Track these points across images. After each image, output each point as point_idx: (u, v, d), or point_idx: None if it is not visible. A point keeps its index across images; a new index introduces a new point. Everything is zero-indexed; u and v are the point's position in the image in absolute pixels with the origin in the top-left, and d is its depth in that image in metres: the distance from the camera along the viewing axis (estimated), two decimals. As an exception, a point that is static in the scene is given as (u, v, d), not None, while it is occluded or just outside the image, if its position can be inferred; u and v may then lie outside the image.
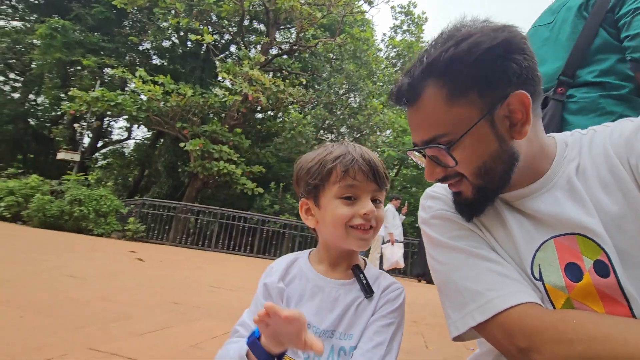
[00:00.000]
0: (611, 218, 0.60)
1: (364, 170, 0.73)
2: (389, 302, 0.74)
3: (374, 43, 15.46)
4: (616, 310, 0.57)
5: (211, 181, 11.86)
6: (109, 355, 1.32)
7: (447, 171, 0.68)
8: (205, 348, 1.57)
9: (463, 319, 0.65)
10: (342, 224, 0.72)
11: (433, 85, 0.62)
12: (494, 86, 0.60)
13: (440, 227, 0.74)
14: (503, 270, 0.65)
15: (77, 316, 1.77)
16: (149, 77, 10.78)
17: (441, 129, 0.63)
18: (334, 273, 0.78)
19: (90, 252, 5.04)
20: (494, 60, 0.59)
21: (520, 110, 0.61)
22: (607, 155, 0.64)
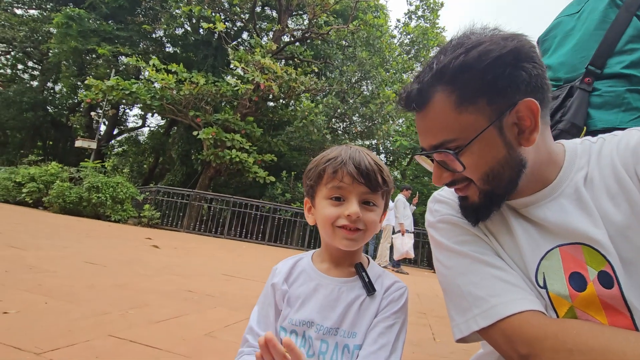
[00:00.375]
0: (617, 228, 0.60)
1: (351, 173, 0.74)
2: (392, 303, 0.76)
3: (388, 30, 15.13)
4: (618, 320, 0.58)
5: (224, 169, 12.00)
6: (128, 342, 1.39)
7: (455, 176, 0.69)
8: (218, 337, 1.64)
9: (466, 323, 0.67)
10: (328, 224, 0.75)
11: (442, 92, 0.63)
12: (503, 94, 0.61)
13: (447, 231, 0.75)
14: (507, 277, 0.66)
15: (98, 303, 1.86)
16: (162, 65, 10.87)
17: (450, 135, 0.64)
18: (336, 271, 0.80)
19: (108, 239, 5.21)
20: (504, 68, 0.59)
21: (529, 117, 0.62)
22: (614, 166, 0.64)
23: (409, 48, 16.89)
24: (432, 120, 0.66)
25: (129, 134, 22.28)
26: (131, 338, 1.43)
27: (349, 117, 13.85)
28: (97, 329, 1.47)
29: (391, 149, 15.05)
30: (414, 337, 2.17)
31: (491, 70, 0.59)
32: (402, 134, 14.76)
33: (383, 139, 13.65)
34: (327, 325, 0.74)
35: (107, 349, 1.30)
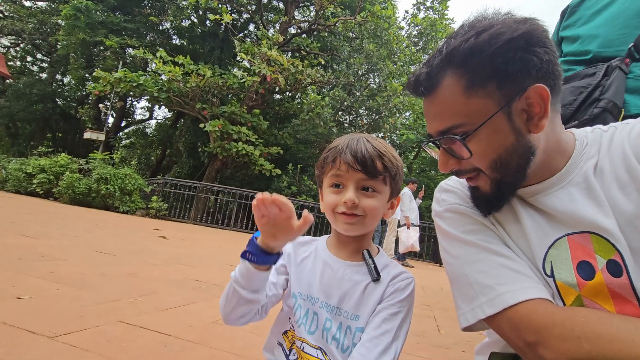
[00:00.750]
0: (627, 218, 0.60)
1: (347, 161, 0.76)
2: (398, 291, 0.77)
3: (396, 21, 14.92)
4: (626, 309, 0.58)
5: (230, 162, 12.05)
6: (137, 328, 1.42)
7: (462, 164, 0.68)
8: (225, 325, 1.67)
9: (473, 311, 0.67)
10: (330, 210, 0.79)
11: (451, 75, 0.62)
12: (513, 79, 0.60)
13: (454, 220, 0.75)
14: (514, 265, 0.66)
15: (108, 290, 1.90)
16: (169, 57, 10.88)
17: (457, 120, 0.63)
18: (344, 254, 0.83)
19: (117, 229, 5.29)
20: (515, 52, 0.58)
21: (539, 103, 0.61)
22: (625, 155, 0.63)
23: (417, 40, 16.67)
24: (440, 104, 0.65)
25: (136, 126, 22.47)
26: (141, 324, 1.47)
27: (355, 109, 13.78)
28: (108, 315, 1.51)
29: (398, 142, 14.95)
30: (419, 328, 2.18)
31: (501, 54, 0.58)
32: (408, 127, 14.64)
33: (390, 132, 13.55)
34: (331, 304, 0.77)
35: (117, 334, 1.33)
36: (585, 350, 0.52)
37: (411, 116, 15.50)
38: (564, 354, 0.54)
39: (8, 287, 1.66)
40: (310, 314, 0.79)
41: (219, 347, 1.36)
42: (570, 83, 1.17)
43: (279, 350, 0.82)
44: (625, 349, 0.49)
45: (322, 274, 0.80)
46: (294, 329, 0.80)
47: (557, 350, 0.55)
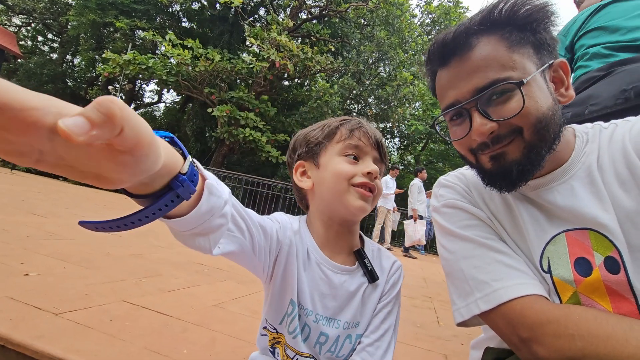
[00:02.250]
0: (627, 214, 0.60)
1: (368, 134, 0.74)
2: (393, 286, 0.76)
3: (409, 8, 14.58)
4: (623, 306, 0.58)
5: (237, 147, 12.08)
6: (140, 308, 1.45)
7: (501, 126, 0.61)
8: (226, 308, 1.69)
9: (468, 306, 0.67)
10: (344, 179, 0.70)
11: (491, 34, 0.62)
12: (546, 47, 0.63)
13: (451, 215, 0.74)
14: (510, 261, 0.66)
15: (113, 270, 1.94)
16: (178, 40, 10.83)
17: (504, 72, 0.59)
18: (337, 257, 0.76)
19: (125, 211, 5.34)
20: (548, 24, 0.63)
21: (563, 75, 0.65)
22: (625, 151, 0.63)
23: (429, 28, 16.32)
24: (482, 59, 0.61)
25: (145, 109, 22.53)
26: (144, 304, 1.49)
27: (364, 98, 13.63)
28: (112, 295, 1.54)
29: (406, 133, 14.82)
30: (419, 319, 2.20)
31: (540, 23, 0.62)
32: (417, 118, 14.47)
33: (398, 123, 13.42)
34: (326, 315, 0.72)
35: (121, 313, 1.36)
36: (579, 348, 0.52)
37: (420, 107, 15.28)
38: (557, 351, 0.54)
39: (17, 263, 1.70)
40: (301, 325, 0.71)
41: (219, 329, 1.39)
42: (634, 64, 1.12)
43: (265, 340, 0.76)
44: (618, 347, 0.49)
45: (317, 283, 0.72)
46: (285, 335, 0.72)
47: (551, 347, 0.55)
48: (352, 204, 0.69)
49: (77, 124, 0.26)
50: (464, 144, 0.67)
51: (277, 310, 0.72)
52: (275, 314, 0.72)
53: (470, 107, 0.62)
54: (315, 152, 0.76)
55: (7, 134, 0.26)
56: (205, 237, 0.51)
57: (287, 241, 0.71)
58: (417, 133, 14.33)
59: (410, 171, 15.35)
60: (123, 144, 0.29)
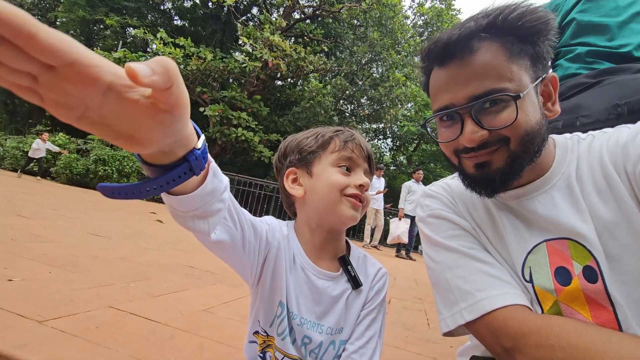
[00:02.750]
0: (604, 224, 0.61)
1: (361, 147, 0.76)
2: (377, 293, 0.77)
3: (401, 10, 14.65)
4: (601, 314, 0.59)
5: (229, 147, 12.01)
6: (127, 314, 1.43)
7: (491, 134, 0.62)
8: (216, 312, 1.68)
9: (453, 316, 0.68)
10: (337, 190, 0.72)
11: (493, 40, 0.61)
12: (542, 60, 0.64)
13: (436, 226, 0.76)
14: (494, 271, 0.67)
15: (100, 274, 1.91)
16: (169, 39, 10.72)
17: (501, 83, 0.60)
18: (321, 263, 0.77)
19: (113, 212, 5.30)
20: (549, 37, 0.63)
21: (552, 90, 0.66)
22: (602, 162, 0.64)
23: (422, 30, 16.41)
24: (482, 66, 0.60)
25: (136, 107, 22.26)
26: (131, 310, 1.47)
27: (357, 99, 13.66)
28: (99, 300, 1.52)
29: (398, 134, 14.89)
30: (409, 321, 2.21)
31: (541, 36, 0.62)
32: (410, 119, 14.55)
33: (391, 123, 13.48)
34: (310, 319, 0.73)
35: (107, 319, 1.33)
36: (559, 359, 0.53)
37: (413, 107, 15.37)
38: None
39: (0, 268, 1.66)
40: (287, 328, 0.73)
41: (208, 335, 1.37)
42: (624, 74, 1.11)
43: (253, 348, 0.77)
44: (596, 359, 0.50)
45: (302, 287, 0.74)
46: (275, 338, 0.73)
47: (532, 357, 0.56)
48: (344, 213, 0.72)
49: (142, 69, 0.30)
50: (451, 146, 0.68)
51: (268, 312, 0.73)
52: (266, 316, 0.73)
53: (464, 112, 0.63)
54: (309, 160, 0.77)
55: (69, 86, 0.30)
56: (205, 220, 0.52)
57: (276, 243, 0.73)
58: (409, 134, 14.42)
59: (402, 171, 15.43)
60: (168, 100, 0.33)
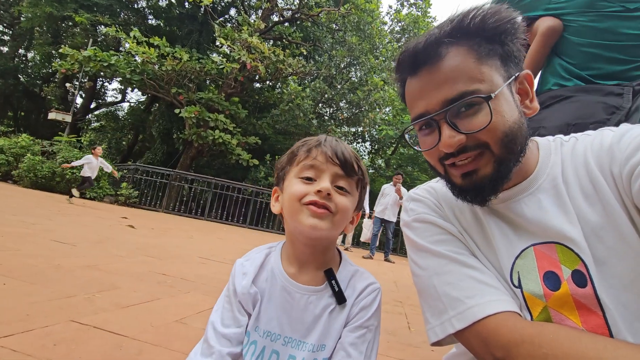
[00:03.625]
0: (592, 227, 0.60)
1: (326, 152, 0.70)
2: (364, 310, 0.71)
3: (379, 15, 14.88)
4: (591, 319, 0.58)
5: (206, 150, 11.75)
6: (91, 328, 1.32)
7: (468, 140, 0.61)
8: (190, 323, 1.58)
9: (442, 325, 0.65)
10: (296, 200, 0.68)
11: (461, 45, 0.61)
12: (513, 59, 0.64)
13: (422, 230, 0.73)
14: (483, 277, 0.65)
15: (63, 285, 1.77)
16: (143, 38, 10.39)
17: (472, 85, 0.59)
18: (304, 276, 0.73)
19: (81, 217, 5.02)
20: (516, 36, 0.63)
21: (527, 87, 0.66)
22: (587, 165, 0.63)
23: (399, 36, 16.71)
24: (451, 70, 0.60)
25: (107, 108, 21.43)
26: (95, 324, 1.36)
27: (336, 102, 13.72)
28: (59, 314, 1.39)
29: (377, 137, 15.05)
30: (390, 325, 2.18)
31: (508, 35, 0.62)
32: (388, 122, 14.74)
33: (369, 127, 13.62)
34: (295, 338, 0.69)
35: (66, 335, 1.22)
36: None
37: (391, 112, 15.59)
38: None
39: (-55, 281, 1.50)
40: (267, 352, 0.69)
41: (180, 349, 1.29)
42: (592, 95, 1.16)
43: None
44: None
45: (283, 306, 0.71)
46: None
47: None
48: (304, 222, 0.67)
49: None
50: (433, 154, 0.67)
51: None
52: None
53: (440, 118, 0.62)
54: (281, 177, 0.77)
55: None
56: None
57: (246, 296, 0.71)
58: (387, 138, 14.59)
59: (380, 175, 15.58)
60: None
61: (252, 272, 0.73)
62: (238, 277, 0.73)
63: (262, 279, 0.73)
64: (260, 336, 0.69)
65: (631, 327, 0.55)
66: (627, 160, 0.58)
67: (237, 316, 0.70)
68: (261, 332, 0.70)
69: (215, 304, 0.74)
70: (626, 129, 0.63)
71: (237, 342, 0.68)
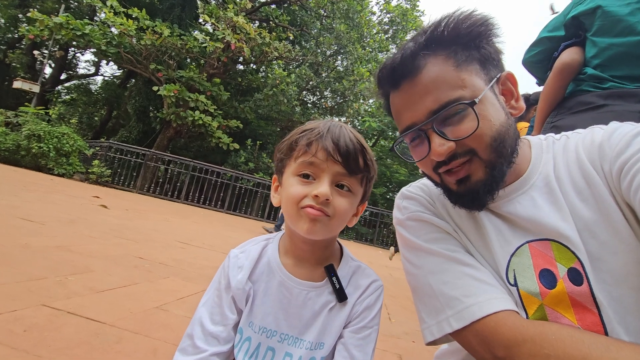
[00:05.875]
0: (585, 224, 0.60)
1: (327, 148, 0.63)
2: (367, 309, 0.68)
3: (368, 5, 14.73)
4: (586, 317, 0.58)
5: (185, 131, 11.38)
6: (64, 313, 1.24)
7: (458, 146, 0.61)
8: (170, 310, 1.53)
9: (438, 324, 0.64)
10: (294, 203, 0.64)
11: (437, 55, 0.62)
12: (492, 61, 0.64)
13: (416, 229, 0.72)
14: (480, 275, 0.64)
15: (32, 266, 1.66)
16: (121, 8, 9.81)
17: (455, 93, 0.60)
18: (303, 270, 0.70)
19: (49, 194, 4.76)
20: (492, 38, 0.64)
21: (511, 87, 0.66)
22: (580, 162, 0.64)
23: (387, 27, 16.65)
24: (431, 82, 0.61)
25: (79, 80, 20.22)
26: (69, 309, 1.28)
27: (320, 91, 13.58)
28: (29, 297, 1.30)
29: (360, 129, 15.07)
30: (370, 316, 2.20)
31: (484, 39, 0.63)
32: (371, 114, 14.77)
33: (353, 117, 13.60)
34: (292, 334, 0.66)
35: (38, 320, 1.14)
36: None
37: (374, 103, 15.62)
38: None
39: None
40: (262, 349, 0.66)
41: (161, 337, 1.23)
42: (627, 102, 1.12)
43: None
44: None
45: (280, 301, 0.67)
46: None
47: None
48: (301, 227, 0.63)
49: None
50: (427, 164, 0.67)
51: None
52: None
53: (427, 128, 0.62)
54: (281, 168, 0.71)
55: None
56: None
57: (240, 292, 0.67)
58: (370, 130, 14.64)
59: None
60: None
61: (248, 266, 0.69)
62: (233, 271, 0.68)
63: (258, 273, 0.70)
64: (255, 332, 0.66)
65: (624, 321, 0.56)
66: (616, 157, 0.59)
67: (227, 313, 0.67)
68: (256, 328, 0.66)
69: (203, 297, 0.70)
70: (616, 127, 0.64)
71: (225, 341, 0.66)
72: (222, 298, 0.67)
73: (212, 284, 0.71)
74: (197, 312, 0.68)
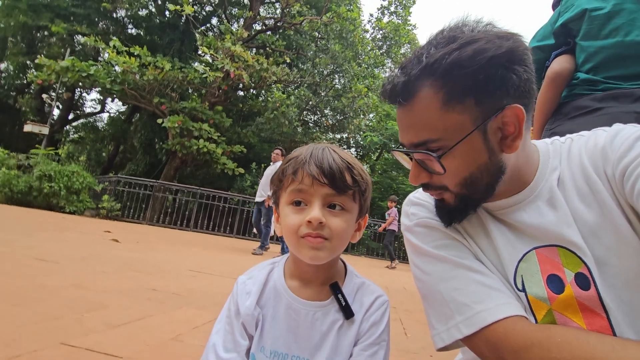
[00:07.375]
0: (589, 228, 0.61)
1: (311, 173, 0.64)
2: (374, 326, 0.69)
3: (361, 24, 15.13)
4: (595, 322, 0.58)
5: (190, 160, 11.58)
6: (83, 350, 1.26)
7: (432, 178, 0.66)
8: (186, 340, 1.54)
9: (448, 330, 0.65)
10: (293, 234, 0.65)
11: (430, 87, 0.59)
12: (492, 95, 0.58)
13: (425, 235, 0.73)
14: (489, 281, 0.65)
15: (48, 306, 1.69)
16: (123, 47, 10.22)
17: (433, 134, 0.61)
18: (308, 291, 0.70)
19: (62, 232, 4.84)
20: (496, 70, 0.57)
21: (514, 124, 0.60)
22: (582, 166, 0.64)
23: (381, 43, 17.02)
24: (416, 116, 0.62)
25: (86, 119, 20.84)
26: (87, 346, 1.30)
27: (320, 110, 13.80)
28: (47, 336, 1.33)
29: (362, 144, 15.19)
30: (386, 332, 2.18)
31: (484, 71, 0.56)
32: (372, 129, 14.91)
33: (354, 133, 13.75)
34: (303, 356, 0.67)
35: (57, 359, 1.16)
36: None
37: (374, 117, 15.78)
38: None
39: None
40: None
41: (178, 368, 1.24)
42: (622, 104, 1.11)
43: None
44: None
45: (288, 323, 0.68)
46: None
47: None
48: (304, 255, 0.65)
49: None
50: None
51: None
52: None
53: (410, 154, 0.66)
54: (276, 200, 0.72)
55: None
56: None
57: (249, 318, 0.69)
58: (372, 144, 14.74)
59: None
60: None
61: (255, 292, 0.70)
62: (241, 297, 0.70)
63: (266, 297, 0.71)
64: (266, 357, 0.67)
65: (634, 324, 0.57)
66: (619, 161, 0.59)
67: (239, 340, 0.68)
68: (267, 352, 0.67)
69: (216, 324, 0.71)
70: (618, 129, 0.63)
71: None
72: (233, 325, 0.69)
73: (223, 312, 0.72)
74: (210, 340, 0.69)
